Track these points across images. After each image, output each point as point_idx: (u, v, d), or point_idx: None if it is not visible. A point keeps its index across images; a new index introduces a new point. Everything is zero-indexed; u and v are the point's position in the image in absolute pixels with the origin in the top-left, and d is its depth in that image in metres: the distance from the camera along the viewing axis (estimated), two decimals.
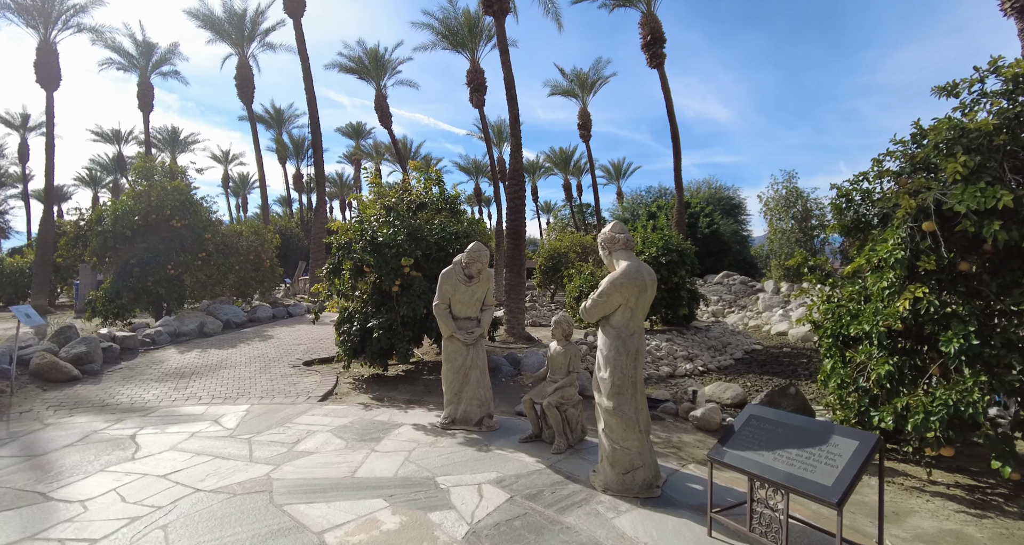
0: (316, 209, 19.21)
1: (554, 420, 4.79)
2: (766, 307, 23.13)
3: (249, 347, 10.04)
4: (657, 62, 19.71)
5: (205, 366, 8.43)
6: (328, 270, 7.46)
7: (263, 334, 11.71)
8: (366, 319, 7.54)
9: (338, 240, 7.58)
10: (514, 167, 12.15)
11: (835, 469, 2.77)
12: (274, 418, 5.76)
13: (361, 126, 53.15)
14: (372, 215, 7.90)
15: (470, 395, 5.47)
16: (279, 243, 17.20)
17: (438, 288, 5.45)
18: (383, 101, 31.64)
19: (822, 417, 5.73)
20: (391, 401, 6.70)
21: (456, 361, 5.47)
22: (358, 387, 7.42)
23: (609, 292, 3.85)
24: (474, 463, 4.41)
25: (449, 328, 5.41)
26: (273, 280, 17.06)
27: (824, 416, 5.73)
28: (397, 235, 7.53)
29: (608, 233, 4.13)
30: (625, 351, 3.89)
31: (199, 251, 14.27)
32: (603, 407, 3.94)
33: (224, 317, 13.15)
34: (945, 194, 4.30)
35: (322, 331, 12.08)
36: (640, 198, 51.50)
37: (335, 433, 5.23)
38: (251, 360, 8.91)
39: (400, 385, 7.45)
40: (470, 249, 5.32)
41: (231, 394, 6.90)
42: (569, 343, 5.07)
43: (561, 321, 5.07)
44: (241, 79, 26.06)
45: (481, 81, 24.66)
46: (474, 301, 5.52)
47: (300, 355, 9.37)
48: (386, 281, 7.30)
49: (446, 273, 5.44)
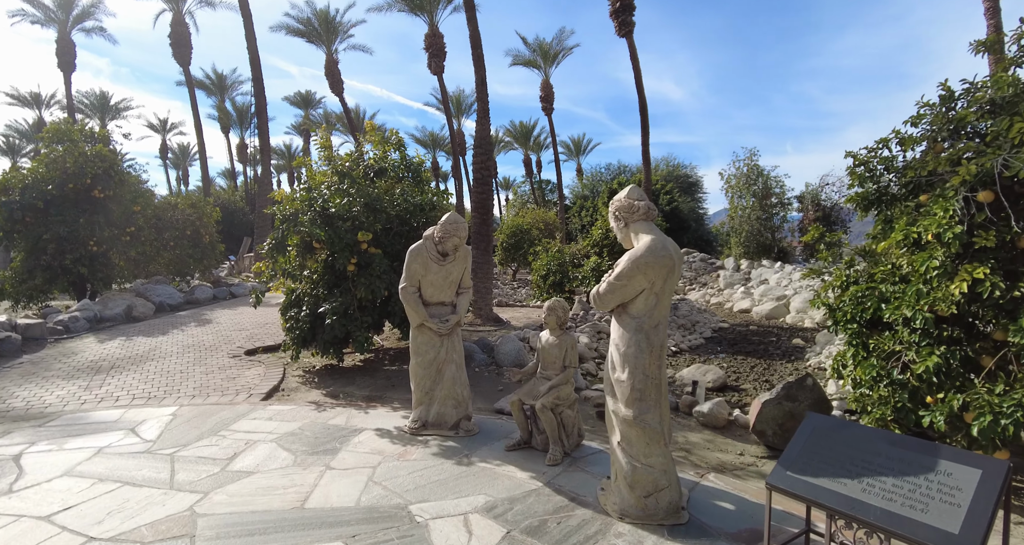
0: (261, 180, 17.64)
1: (548, 425, 4.01)
2: (727, 284, 23.11)
3: (183, 334, 8.84)
4: (626, 30, 18.85)
5: (128, 358, 7.25)
6: (271, 246, 6.40)
7: (201, 318, 10.46)
8: (317, 303, 6.54)
9: (282, 211, 6.50)
10: (481, 135, 11.16)
11: (957, 509, 2.08)
12: (206, 424, 4.77)
13: (310, 95, 50.31)
14: (322, 182, 6.83)
15: (444, 394, 4.63)
16: (220, 217, 15.68)
17: (405, 268, 4.54)
18: (334, 66, 29.63)
19: (839, 413, 5.19)
20: (348, 398, 5.78)
21: (427, 354, 4.60)
22: (309, 381, 6.45)
23: (630, 273, 3.06)
24: (456, 483, 3.59)
25: (419, 316, 4.52)
26: (214, 257, 15.58)
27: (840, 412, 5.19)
28: (352, 206, 6.51)
29: (625, 200, 3.31)
30: (648, 347, 3.12)
31: (127, 225, 12.73)
32: (620, 416, 3.17)
33: (157, 299, 11.77)
34: (1008, 160, 3.68)
35: (268, 314, 10.92)
36: (600, 175, 50.91)
37: (281, 443, 4.30)
38: (184, 349, 7.77)
39: (358, 378, 6.53)
40: (445, 221, 4.41)
41: (156, 393, 5.83)
42: (564, 333, 4.28)
43: (555, 307, 4.26)
44: (176, 38, 23.62)
45: (440, 46, 23.23)
46: (448, 283, 4.64)
47: (242, 342, 8.27)
48: (340, 259, 6.30)
49: (415, 250, 4.52)
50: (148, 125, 46.46)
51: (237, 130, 42.58)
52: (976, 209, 3.81)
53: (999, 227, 3.71)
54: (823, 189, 25.20)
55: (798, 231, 26.40)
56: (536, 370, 4.41)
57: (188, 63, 23.77)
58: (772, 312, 17.44)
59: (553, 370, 4.24)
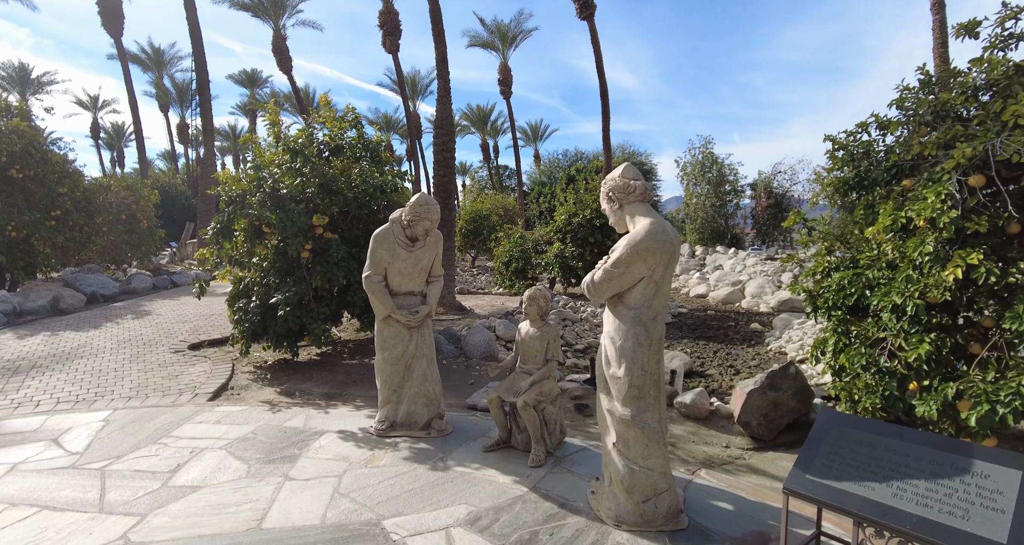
0: (203, 161, 16.49)
1: (531, 423, 3.72)
2: (683, 270, 23.46)
3: (118, 327, 8.08)
4: (587, 13, 18.55)
5: (53, 355, 6.52)
6: (215, 231, 5.80)
7: (139, 309, 9.64)
8: (268, 293, 6.01)
9: (228, 193, 5.90)
10: (442, 115, 10.66)
11: (1001, 515, 1.91)
12: (144, 430, 4.24)
13: (256, 74, 47.89)
14: (273, 161, 6.26)
15: (415, 392, 4.26)
16: (159, 200, 14.58)
17: (370, 254, 4.12)
18: (282, 43, 28.15)
19: (822, 401, 5.11)
20: (305, 396, 5.33)
21: (395, 349, 4.22)
22: (260, 378, 5.94)
23: (629, 260, 2.77)
24: (432, 491, 3.25)
25: (386, 307, 4.12)
26: (153, 244, 14.51)
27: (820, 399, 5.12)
28: (306, 186, 5.99)
29: (620, 179, 3.01)
30: (648, 340, 2.86)
31: (52, 209, 11.61)
32: (616, 416, 2.90)
33: (88, 289, 10.80)
34: (1003, 142, 3.58)
35: (213, 305, 10.18)
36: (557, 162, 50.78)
37: (232, 450, 3.85)
38: (120, 345, 7.06)
39: (315, 373, 6.06)
40: (415, 203, 4.01)
41: (86, 395, 5.21)
42: (546, 324, 3.98)
43: (537, 296, 3.95)
44: (106, 6, 21.71)
45: (395, 23, 22.33)
46: (418, 271, 4.25)
47: (185, 336, 7.62)
48: (293, 245, 5.79)
49: (381, 235, 4.10)
50: (77, 102, 43.12)
51: (177, 109, 40.04)
52: (968, 193, 3.72)
53: (991, 212, 3.62)
54: (775, 177, 25.84)
55: (751, 218, 27.04)
56: (515, 364, 4.10)
57: (120, 34, 21.92)
58: (728, 297, 17.76)
59: (534, 364, 3.94)
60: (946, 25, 15.76)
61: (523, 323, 4.06)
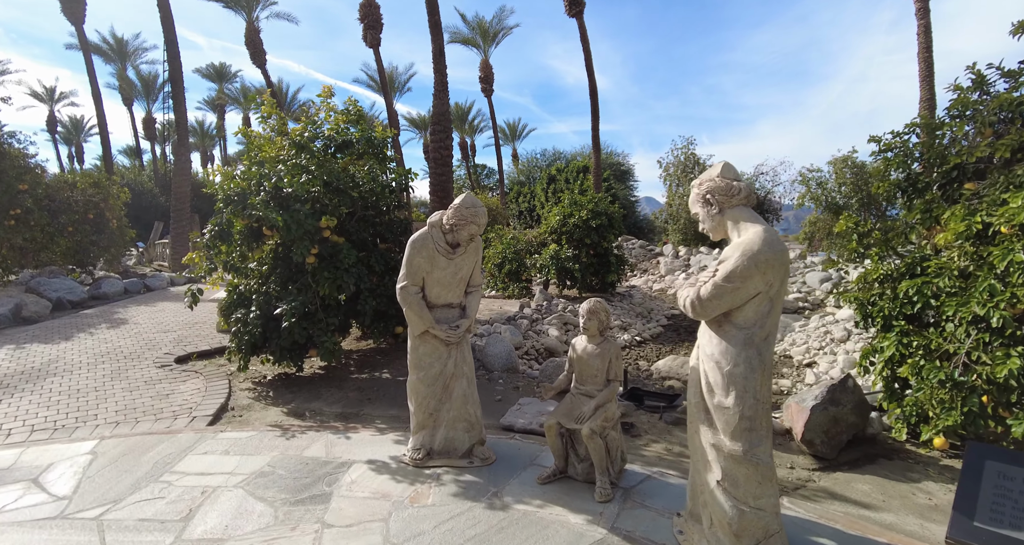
0: (177, 157, 15.56)
1: (596, 453, 3.31)
2: (668, 271, 23.35)
3: (93, 338, 7.36)
4: (577, 10, 18.23)
5: (20, 373, 5.82)
6: (212, 233, 5.22)
7: (113, 317, 8.88)
8: (269, 301, 5.46)
9: (225, 190, 5.32)
10: (439, 111, 10.18)
11: None
12: (142, 465, 3.68)
13: (225, 67, 46.25)
14: (273, 156, 5.70)
15: (454, 416, 3.81)
16: (128, 199, 13.65)
17: (406, 262, 3.65)
18: (255, 35, 27.09)
19: (878, 414, 4.83)
20: (318, 417, 4.81)
21: (432, 368, 3.75)
22: (262, 396, 5.39)
23: (746, 273, 2.39)
24: (500, 538, 2.81)
25: (424, 321, 3.65)
26: (123, 245, 13.59)
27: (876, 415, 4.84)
28: (312, 185, 5.45)
29: (720, 180, 2.63)
30: (760, 365, 2.49)
31: (11, 207, 10.72)
32: (724, 451, 2.52)
33: (53, 295, 9.95)
34: None
35: (195, 312, 9.47)
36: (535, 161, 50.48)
37: (251, 489, 3.34)
38: (97, 359, 6.39)
39: (323, 390, 5.53)
40: (461, 204, 3.55)
41: (65, 421, 4.59)
42: (606, 339, 3.58)
43: (597, 309, 3.54)
44: None
45: (377, 17, 21.64)
46: (458, 280, 3.80)
47: (170, 347, 6.96)
48: (298, 249, 5.25)
49: (419, 240, 3.63)
50: (32, 94, 40.85)
51: (143, 103, 38.26)
52: None
53: None
54: (757, 178, 25.99)
55: None
56: (569, 384, 3.69)
57: (82, 21, 20.63)
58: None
59: (593, 384, 3.53)
60: (930, 30, 15.97)
61: (578, 339, 3.66)
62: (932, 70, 16.03)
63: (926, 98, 16.07)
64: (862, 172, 19.32)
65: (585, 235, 13.40)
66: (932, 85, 16.08)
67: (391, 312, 5.99)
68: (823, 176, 20.16)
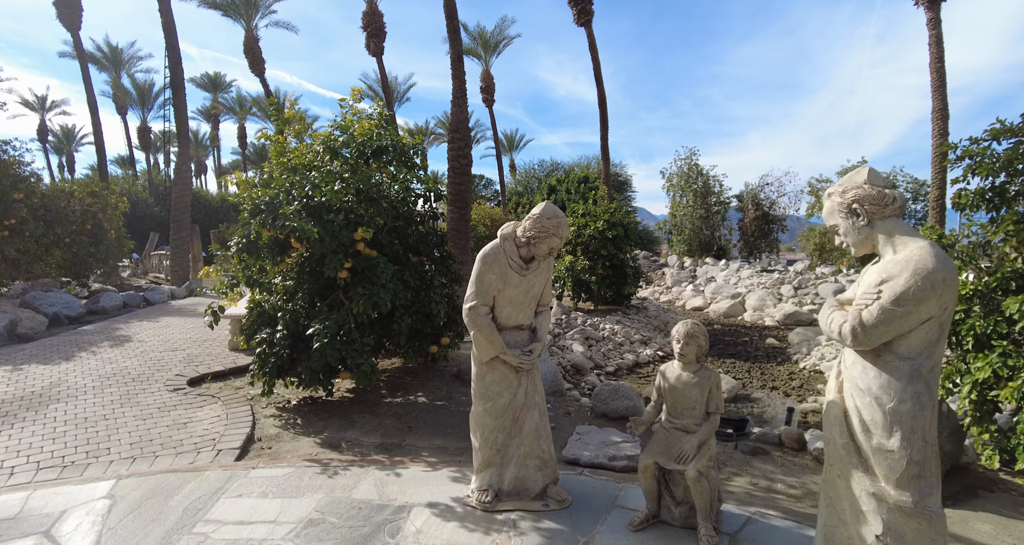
0: (177, 166, 15.06)
1: (701, 497, 2.90)
2: (675, 282, 23.12)
3: (96, 358, 6.84)
4: (585, 19, 18.03)
5: (20, 398, 5.31)
6: (241, 246, 4.77)
7: (115, 334, 8.35)
8: (297, 320, 5.00)
9: (253, 199, 4.89)
10: (458, 118, 9.82)
11: None
12: (169, 512, 3.21)
13: (220, 77, 45.98)
14: (302, 160, 5.28)
15: (525, 452, 3.38)
16: (128, 208, 13.15)
17: (476, 279, 3.23)
18: (254, 44, 26.80)
19: (969, 442, 4.45)
20: (357, 449, 4.36)
21: (501, 398, 3.33)
22: (290, 423, 4.92)
23: (920, 295, 2.00)
24: None
25: (495, 346, 3.24)
26: (121, 256, 13.07)
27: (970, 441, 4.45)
28: (345, 193, 5.03)
29: (870, 188, 2.26)
30: (930, 400, 2.11)
31: (6, 217, 10.19)
32: (889, 502, 2.12)
33: (49, 309, 9.41)
34: None
35: (200, 328, 8.97)
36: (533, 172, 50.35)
37: (304, 543, 2.88)
38: (103, 381, 5.89)
39: (355, 416, 5.07)
40: (542, 215, 3.14)
41: (75, 455, 4.10)
42: (703, 367, 3.18)
43: (696, 333, 3.13)
44: None
45: (380, 25, 21.38)
46: (529, 299, 3.39)
47: (180, 368, 6.47)
48: (331, 263, 4.82)
49: (491, 255, 3.22)
50: (23, 102, 40.21)
51: (138, 111, 37.72)
52: None
53: None
54: (763, 189, 25.87)
55: (737, 230, 26.95)
56: (658, 416, 3.28)
57: (78, 27, 20.16)
58: (730, 310, 17.39)
59: (690, 418, 3.12)
60: (942, 41, 15.89)
61: (669, 366, 3.25)
62: (944, 80, 15.93)
63: (939, 108, 15.95)
64: None
65: (601, 246, 13.04)
66: (944, 95, 15.97)
67: (426, 330, 5.57)
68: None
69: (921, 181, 18.45)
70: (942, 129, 15.98)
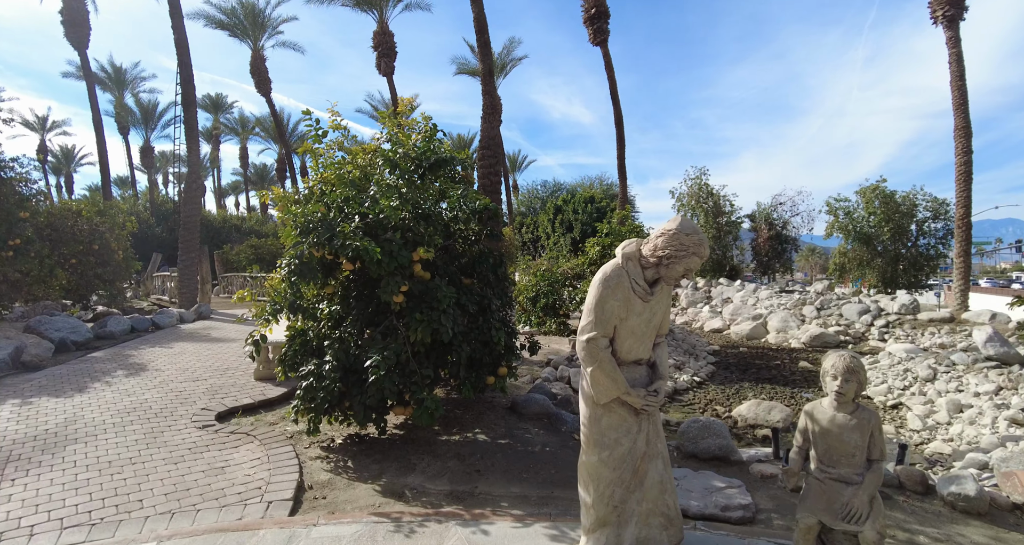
0: (188, 182, 14.59)
1: None
2: (690, 303, 22.66)
3: (111, 390, 6.27)
4: (601, 38, 17.91)
5: (34, 439, 4.74)
6: (292, 268, 4.27)
7: (128, 362, 7.78)
8: (346, 349, 4.49)
9: (297, 218, 4.41)
10: (489, 134, 9.47)
11: None
12: None
13: (221, 98, 46.06)
14: (371, 174, 4.83)
15: (647, 508, 2.87)
16: (136, 228, 12.66)
17: (596, 305, 2.75)
18: (261, 64, 26.72)
19: None
20: (423, 497, 3.81)
21: (619, 446, 2.83)
22: (340, 466, 4.37)
23: None
24: None
25: (619, 385, 2.74)
26: (127, 277, 12.52)
27: None
28: (401, 210, 4.57)
29: None
30: None
31: (11, 237, 9.67)
32: None
33: (56, 334, 8.84)
34: None
35: (219, 353, 8.44)
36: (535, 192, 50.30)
37: None
38: (124, 418, 5.32)
39: (412, 457, 4.52)
40: (679, 230, 2.67)
41: (102, 510, 3.54)
42: (861, 407, 2.69)
43: (856, 367, 2.66)
44: (71, 15, 19.70)
45: (391, 44, 21.26)
46: (651, 329, 2.91)
47: (204, 400, 5.91)
48: (387, 287, 4.33)
49: (614, 278, 2.74)
50: (23, 122, 39.96)
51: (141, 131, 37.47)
52: None
53: None
54: (776, 208, 25.65)
55: (750, 250, 26.65)
56: (804, 465, 2.78)
57: (86, 46, 19.89)
58: (752, 332, 16.92)
59: (849, 466, 2.62)
60: (962, 59, 15.79)
61: (817, 405, 2.76)
62: (966, 98, 15.78)
63: (961, 126, 15.77)
64: (891, 201, 19.02)
65: None
66: (967, 113, 15.80)
67: (485, 359, 5.07)
68: (850, 205, 19.83)
69: (941, 200, 18.21)
70: (966, 147, 15.77)
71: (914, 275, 18.60)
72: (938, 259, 18.44)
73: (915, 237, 18.71)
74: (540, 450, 4.64)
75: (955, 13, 15.86)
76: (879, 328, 15.01)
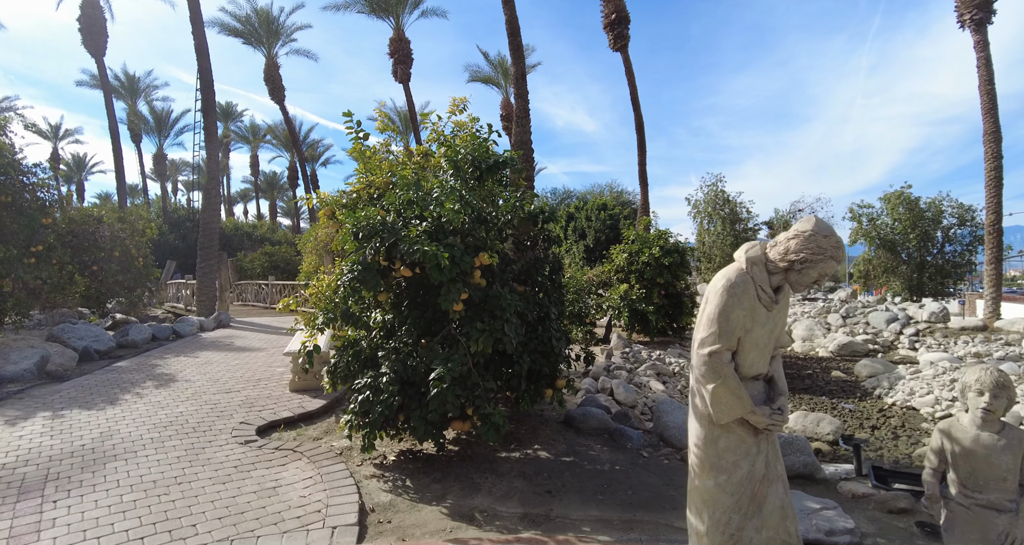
0: (207, 189, 14.42)
1: None
2: None
3: (143, 402, 6.03)
4: (621, 44, 17.74)
5: (71, 455, 4.49)
6: (354, 275, 4.01)
7: (156, 372, 7.54)
8: (404, 361, 4.23)
9: (357, 222, 4.17)
10: (521, 138, 9.25)
11: None
12: None
13: (231, 107, 46.31)
14: (436, 173, 4.60)
15: (768, 537, 2.58)
16: (156, 235, 12.48)
17: (718, 315, 2.48)
18: (275, 71, 26.75)
19: None
20: (495, 521, 3.53)
21: (738, 469, 2.55)
22: (398, 485, 4.09)
23: None
24: None
25: (745, 403, 2.47)
26: (147, 284, 12.32)
27: None
28: (463, 213, 4.33)
29: None
30: None
31: (33, 243, 9.48)
32: None
33: (79, 343, 8.62)
34: None
35: (248, 361, 8.20)
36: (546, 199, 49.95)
37: None
38: (160, 431, 5.07)
39: (475, 476, 4.25)
40: (815, 232, 2.40)
41: (156, 536, 3.28)
42: (1010, 426, 2.43)
43: (1007, 383, 2.40)
44: (88, 23, 19.71)
45: (407, 51, 21.17)
46: (772, 341, 2.65)
47: (241, 413, 5.66)
48: (447, 294, 4.07)
49: (739, 285, 2.48)
50: (36, 131, 40.11)
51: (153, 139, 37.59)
52: None
53: None
54: (794, 215, 25.32)
55: None
56: (939, 490, 2.51)
57: (103, 53, 19.88)
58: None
59: (1000, 491, 2.36)
60: (991, 63, 15.53)
61: (955, 423, 2.50)
62: (995, 102, 15.51)
63: (991, 131, 15.48)
64: (917, 207, 18.69)
65: (657, 274, 12.31)
66: (996, 117, 15.52)
67: (544, 371, 4.80)
68: (875, 212, 19.50)
69: (967, 206, 17.91)
70: (995, 152, 15.48)
71: (940, 282, 18.23)
72: (966, 266, 18.07)
73: (941, 244, 18.36)
74: (610, 469, 4.36)
75: (983, 16, 15.62)
76: (909, 336, 14.64)
